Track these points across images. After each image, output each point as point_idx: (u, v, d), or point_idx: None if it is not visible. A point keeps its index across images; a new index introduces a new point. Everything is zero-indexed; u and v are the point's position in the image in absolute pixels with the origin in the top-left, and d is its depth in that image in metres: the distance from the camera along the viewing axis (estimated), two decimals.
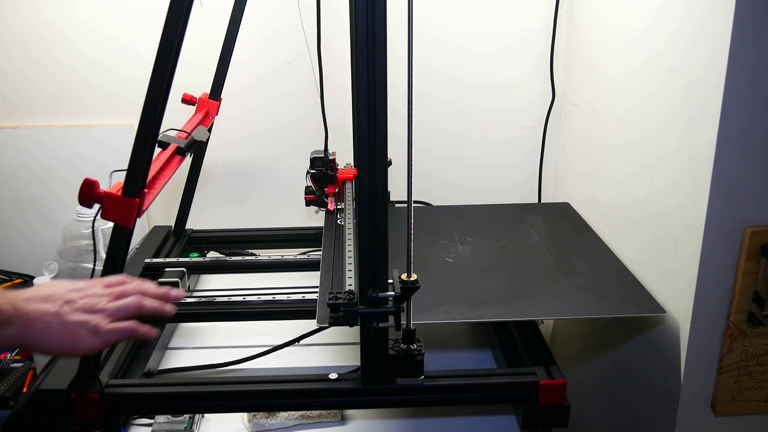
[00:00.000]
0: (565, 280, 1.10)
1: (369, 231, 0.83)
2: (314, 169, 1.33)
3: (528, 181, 1.65)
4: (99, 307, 0.71)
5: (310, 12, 1.41)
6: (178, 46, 0.86)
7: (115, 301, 0.73)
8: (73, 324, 0.67)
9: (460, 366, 1.08)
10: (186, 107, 1.30)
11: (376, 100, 0.77)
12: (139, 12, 1.48)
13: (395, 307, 0.85)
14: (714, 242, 0.93)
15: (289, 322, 1.14)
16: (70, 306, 0.69)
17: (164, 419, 0.99)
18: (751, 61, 0.85)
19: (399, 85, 0.83)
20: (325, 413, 1.01)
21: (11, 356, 1.27)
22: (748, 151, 0.89)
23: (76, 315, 0.68)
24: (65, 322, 0.67)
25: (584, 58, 1.44)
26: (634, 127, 1.18)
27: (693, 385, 1.00)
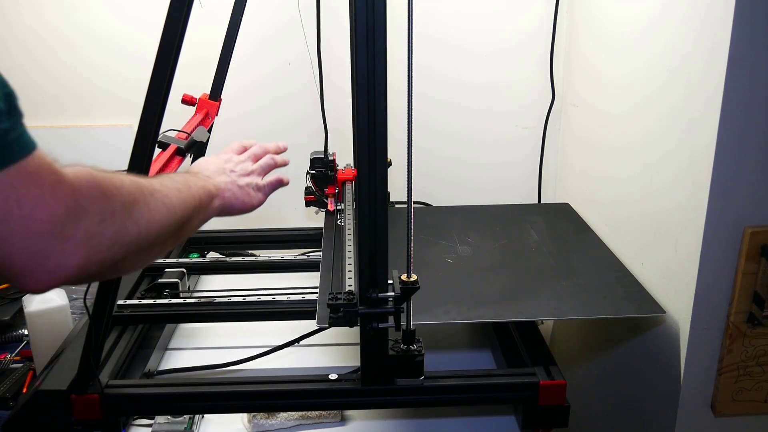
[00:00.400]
0: (565, 280, 1.10)
1: (369, 231, 0.83)
2: (314, 169, 1.33)
3: (528, 181, 1.65)
4: (250, 170, 0.86)
5: (310, 12, 1.41)
6: (178, 47, 0.85)
7: (256, 162, 0.89)
8: (244, 186, 0.83)
9: (460, 366, 1.08)
10: (186, 107, 1.30)
11: (376, 101, 0.77)
12: (140, 12, 1.48)
13: (395, 308, 0.85)
14: (714, 242, 0.93)
15: (289, 322, 1.14)
16: (234, 174, 0.84)
17: (164, 420, 0.99)
18: (750, 62, 0.85)
19: (399, 85, 0.83)
20: (325, 414, 1.01)
21: (11, 356, 1.27)
22: (747, 152, 0.89)
23: (241, 179, 0.83)
24: (239, 186, 0.82)
25: (584, 58, 1.44)
26: (634, 127, 1.18)
27: (693, 386, 1.00)
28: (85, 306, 0.91)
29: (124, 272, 0.58)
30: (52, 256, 0.47)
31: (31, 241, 0.46)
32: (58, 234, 0.47)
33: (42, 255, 0.46)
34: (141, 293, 1.19)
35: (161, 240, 0.60)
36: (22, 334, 1.33)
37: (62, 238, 0.47)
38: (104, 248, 0.51)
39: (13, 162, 0.45)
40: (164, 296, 1.18)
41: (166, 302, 1.15)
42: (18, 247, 0.45)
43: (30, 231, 0.45)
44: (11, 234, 0.45)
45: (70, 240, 0.48)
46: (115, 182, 0.54)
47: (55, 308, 1.20)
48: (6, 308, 1.41)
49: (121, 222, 0.53)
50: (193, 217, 0.68)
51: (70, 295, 1.31)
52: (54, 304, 1.20)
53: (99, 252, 0.50)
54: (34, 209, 0.46)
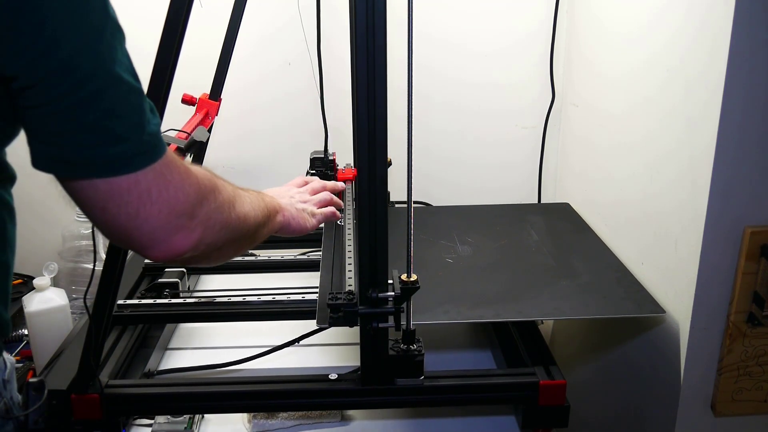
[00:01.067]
0: (565, 280, 1.10)
1: (369, 231, 0.83)
2: (314, 169, 1.33)
3: (528, 181, 1.65)
4: (308, 199, 0.97)
5: (310, 12, 1.41)
6: (178, 46, 0.86)
7: (314, 195, 1.00)
8: (300, 210, 0.92)
9: (460, 366, 1.08)
10: (186, 107, 1.30)
11: (376, 101, 0.77)
12: (140, 12, 1.48)
13: (395, 308, 0.85)
14: (714, 242, 0.93)
15: (289, 322, 1.14)
16: (293, 200, 0.94)
17: (164, 419, 0.99)
18: (750, 62, 0.85)
19: (399, 85, 0.83)
20: (325, 413, 1.01)
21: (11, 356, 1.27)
22: (747, 151, 0.89)
23: (299, 204, 0.93)
24: (297, 209, 0.91)
25: (584, 58, 1.44)
26: (634, 127, 1.18)
27: (693, 385, 1.00)
28: (85, 306, 0.91)
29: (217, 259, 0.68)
30: (181, 231, 0.58)
31: (172, 218, 0.57)
32: (189, 213, 0.58)
33: (175, 229, 0.58)
34: (141, 293, 1.19)
35: (248, 235, 0.72)
36: (22, 334, 1.33)
37: (191, 216, 0.59)
38: (215, 231, 0.62)
39: (163, 153, 0.56)
40: (164, 296, 1.18)
41: (166, 302, 1.15)
42: (163, 223, 0.56)
43: (173, 210, 0.57)
44: (160, 213, 0.56)
45: (195, 218, 0.59)
46: (221, 180, 0.66)
47: (55, 308, 1.20)
48: None
49: (227, 212, 0.65)
50: (265, 224, 0.78)
51: (70, 295, 1.31)
52: (54, 304, 1.20)
53: (211, 233, 0.62)
54: (177, 192, 0.57)
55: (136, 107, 0.53)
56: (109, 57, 0.51)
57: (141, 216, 0.55)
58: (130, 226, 0.55)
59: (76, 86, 0.49)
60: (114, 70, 0.51)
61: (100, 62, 0.50)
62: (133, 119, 0.53)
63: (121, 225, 0.55)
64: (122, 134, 0.52)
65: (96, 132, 0.51)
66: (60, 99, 0.49)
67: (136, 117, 0.53)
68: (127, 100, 0.53)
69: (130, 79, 0.53)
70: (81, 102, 0.50)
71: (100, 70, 0.50)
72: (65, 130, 0.51)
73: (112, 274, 0.88)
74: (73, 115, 0.50)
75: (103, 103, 0.51)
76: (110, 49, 0.52)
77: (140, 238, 0.57)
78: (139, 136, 0.53)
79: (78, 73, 0.49)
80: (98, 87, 0.50)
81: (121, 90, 0.52)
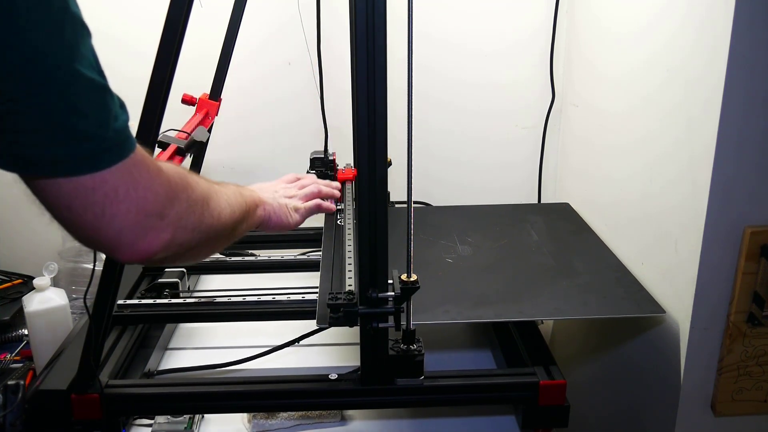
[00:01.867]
0: (565, 280, 1.10)
1: (369, 231, 0.83)
2: (314, 169, 1.33)
3: (528, 181, 1.65)
4: (292, 194, 0.98)
5: (310, 12, 1.41)
6: (178, 46, 0.86)
7: (301, 189, 1.00)
8: (283, 205, 0.92)
9: (460, 366, 1.08)
10: (186, 107, 1.30)
11: (376, 101, 0.77)
12: (140, 11, 1.48)
13: (395, 308, 0.85)
14: (714, 242, 0.93)
15: (289, 322, 1.14)
16: (277, 194, 0.95)
17: (164, 419, 0.99)
18: (750, 62, 0.85)
19: (399, 85, 0.83)
20: (325, 413, 1.01)
21: (11, 356, 1.27)
22: (747, 151, 0.89)
23: (282, 199, 0.94)
24: (279, 204, 0.92)
25: (584, 58, 1.44)
26: (634, 127, 1.18)
27: (693, 385, 1.00)
28: (85, 306, 0.91)
29: (192, 258, 0.66)
30: (151, 232, 0.56)
31: (141, 218, 0.55)
32: (159, 214, 0.57)
33: (145, 230, 0.56)
34: (141, 293, 1.19)
35: (224, 234, 0.70)
36: (22, 334, 1.33)
37: (161, 216, 0.57)
38: (188, 231, 0.61)
39: (132, 151, 0.54)
40: (164, 296, 1.18)
41: (166, 302, 1.15)
42: (131, 223, 0.54)
43: (142, 210, 0.55)
44: (128, 213, 0.54)
45: (166, 218, 0.57)
46: (194, 177, 0.64)
47: (55, 308, 1.20)
48: (6, 308, 1.41)
49: (200, 211, 0.63)
50: (244, 219, 0.78)
51: (70, 295, 1.31)
52: (54, 304, 1.20)
53: (183, 234, 0.60)
54: (145, 191, 0.55)
55: (101, 104, 0.52)
56: (70, 54, 0.50)
57: (108, 216, 0.53)
58: (97, 226, 0.54)
59: (37, 84, 0.48)
60: (75, 67, 0.50)
61: (62, 59, 0.49)
62: (97, 116, 0.51)
63: (87, 225, 0.54)
64: (86, 132, 0.50)
65: (58, 130, 0.50)
66: (20, 96, 0.48)
67: (100, 114, 0.51)
68: (91, 97, 0.51)
69: (95, 75, 0.51)
70: (42, 99, 0.49)
71: (62, 67, 0.49)
72: (26, 129, 0.49)
73: (112, 274, 0.88)
74: (35, 112, 0.49)
75: (65, 101, 0.49)
76: (72, 45, 0.50)
77: (108, 240, 0.55)
78: (105, 133, 0.51)
79: (39, 70, 0.48)
80: (60, 84, 0.49)
81: (84, 87, 0.50)
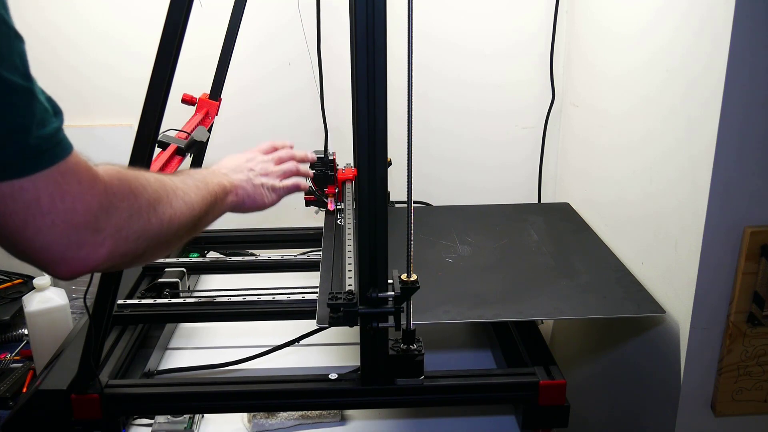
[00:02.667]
0: (565, 280, 1.10)
1: (369, 231, 0.83)
2: (314, 169, 1.33)
3: (528, 181, 1.65)
4: (270, 171, 0.91)
5: (310, 12, 1.41)
6: (178, 46, 0.86)
7: (279, 165, 0.93)
8: (259, 186, 0.87)
9: (460, 366, 1.08)
10: (186, 107, 1.30)
11: (376, 100, 0.77)
12: (140, 12, 1.48)
13: (395, 308, 0.85)
14: (714, 242, 0.93)
15: (289, 322, 1.14)
16: (252, 173, 0.88)
17: (164, 419, 0.99)
18: (750, 62, 0.85)
19: (399, 85, 0.83)
20: (325, 413, 1.01)
21: (11, 356, 1.27)
22: (747, 152, 0.89)
23: (258, 179, 0.88)
24: (254, 185, 0.86)
25: (584, 58, 1.44)
26: (634, 127, 1.18)
27: (693, 385, 1.00)
28: (85, 306, 0.91)
29: (143, 262, 0.63)
30: (85, 246, 0.52)
31: (70, 232, 0.51)
32: (92, 226, 0.52)
33: (77, 245, 0.52)
34: (141, 293, 1.19)
35: (181, 234, 0.66)
36: (22, 334, 1.33)
37: (96, 230, 0.53)
38: (130, 241, 0.56)
39: (60, 159, 0.50)
40: (164, 296, 1.18)
41: (166, 302, 1.15)
42: (58, 237, 0.50)
43: (70, 223, 0.51)
44: (53, 225, 0.50)
45: (101, 232, 0.53)
46: (142, 181, 0.60)
47: (55, 308, 1.20)
48: (6, 308, 1.41)
49: (146, 218, 0.59)
50: (209, 212, 0.73)
51: (70, 295, 1.31)
52: (54, 304, 1.20)
53: (125, 244, 0.56)
54: (74, 203, 0.51)
55: (21, 108, 0.48)
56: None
57: (31, 228, 0.49)
58: (21, 239, 0.50)
59: None
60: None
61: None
62: (15, 121, 0.48)
63: (10, 237, 0.50)
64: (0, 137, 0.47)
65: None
66: None
67: (20, 119, 0.48)
68: (9, 101, 0.48)
69: (16, 78, 0.49)
70: None
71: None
72: None
73: (112, 274, 0.88)
74: None
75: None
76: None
77: (36, 254, 0.51)
78: (24, 139, 0.48)
79: None
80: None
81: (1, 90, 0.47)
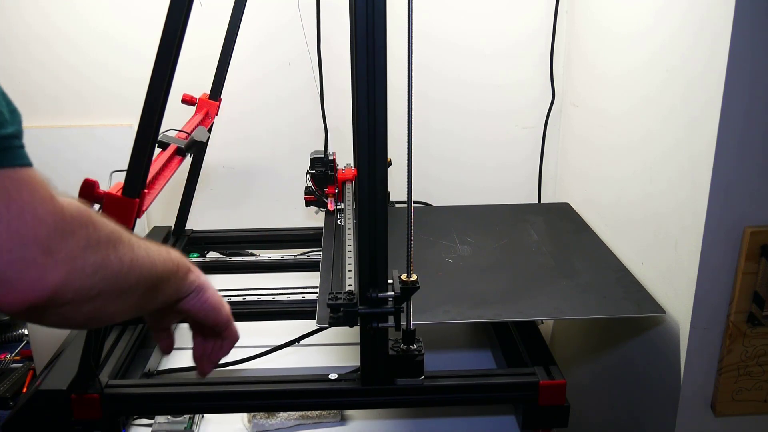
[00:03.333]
0: (565, 280, 1.10)
1: (369, 231, 0.83)
2: (314, 169, 1.33)
3: (528, 181, 1.65)
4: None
5: (310, 12, 1.41)
6: (178, 46, 0.86)
7: None
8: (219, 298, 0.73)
9: (460, 366, 1.08)
10: (186, 107, 1.30)
11: (376, 100, 0.77)
12: (140, 12, 1.48)
13: (395, 308, 0.85)
14: (714, 242, 0.93)
15: (289, 322, 1.14)
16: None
17: (164, 419, 0.99)
18: (751, 62, 0.85)
19: (399, 85, 0.83)
20: (325, 413, 1.01)
21: (11, 356, 1.27)
22: (747, 152, 0.89)
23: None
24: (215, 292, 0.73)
25: (584, 58, 1.44)
26: (634, 127, 1.18)
27: (693, 385, 1.00)
28: None
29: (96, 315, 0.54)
30: (32, 268, 0.46)
31: (15, 246, 0.45)
32: (43, 246, 0.46)
33: (23, 264, 0.46)
34: None
35: (139, 288, 0.58)
36: (22, 334, 1.33)
37: (46, 251, 0.46)
38: (86, 275, 0.50)
39: (10, 165, 0.45)
40: None
41: None
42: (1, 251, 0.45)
43: (16, 235, 0.45)
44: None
45: (53, 255, 0.47)
46: (102, 218, 0.54)
47: None
48: None
49: (105, 252, 0.52)
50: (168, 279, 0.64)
51: None
52: None
53: (80, 277, 0.50)
54: (23, 213, 0.45)
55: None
56: None
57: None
58: None
59: None
60: None
61: None
62: None
63: None
64: None
65: None
66: None
67: None
68: None
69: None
70: None
71: None
72: None
73: None
74: None
75: None
76: None
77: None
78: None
79: None
80: None
81: None
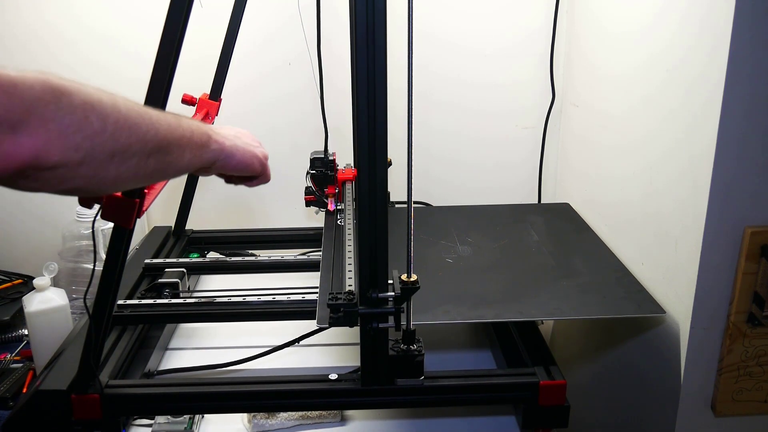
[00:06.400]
0: (565, 280, 1.10)
1: (369, 231, 0.83)
2: (314, 169, 1.33)
3: (528, 181, 1.65)
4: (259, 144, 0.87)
5: (310, 12, 1.41)
6: (178, 47, 0.86)
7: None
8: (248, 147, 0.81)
9: (460, 366, 1.08)
10: (186, 107, 1.30)
11: (376, 100, 0.77)
12: (140, 12, 1.48)
13: (395, 308, 0.85)
14: (714, 242, 0.93)
15: (289, 322, 1.14)
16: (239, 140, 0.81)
17: (164, 420, 0.99)
18: (751, 62, 0.85)
19: (399, 85, 0.83)
20: (325, 414, 1.01)
21: (11, 356, 1.27)
22: (748, 152, 0.89)
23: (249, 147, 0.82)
24: (245, 143, 0.81)
25: (584, 58, 1.44)
26: (634, 127, 1.18)
27: (693, 386, 1.00)
28: (85, 306, 0.91)
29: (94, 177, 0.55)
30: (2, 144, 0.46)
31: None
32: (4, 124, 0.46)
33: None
34: (141, 293, 1.19)
35: (135, 150, 0.57)
36: (22, 334, 1.33)
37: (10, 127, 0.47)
38: (65, 136, 0.50)
39: None
40: (164, 296, 1.18)
41: (166, 302, 1.14)
42: None
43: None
44: None
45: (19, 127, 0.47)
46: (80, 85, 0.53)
47: (55, 308, 1.20)
48: (6, 308, 1.41)
49: (82, 114, 0.52)
50: (180, 143, 0.65)
51: (70, 295, 1.31)
52: (54, 305, 1.20)
53: (59, 138, 0.50)
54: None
55: None
56: None
57: None
58: None
59: None
60: None
61: None
62: None
63: None
64: None
65: None
66: None
67: None
68: None
69: None
70: None
71: None
72: None
73: (112, 274, 0.88)
74: None
75: None
76: None
77: None
78: None
79: None
80: None
81: None
